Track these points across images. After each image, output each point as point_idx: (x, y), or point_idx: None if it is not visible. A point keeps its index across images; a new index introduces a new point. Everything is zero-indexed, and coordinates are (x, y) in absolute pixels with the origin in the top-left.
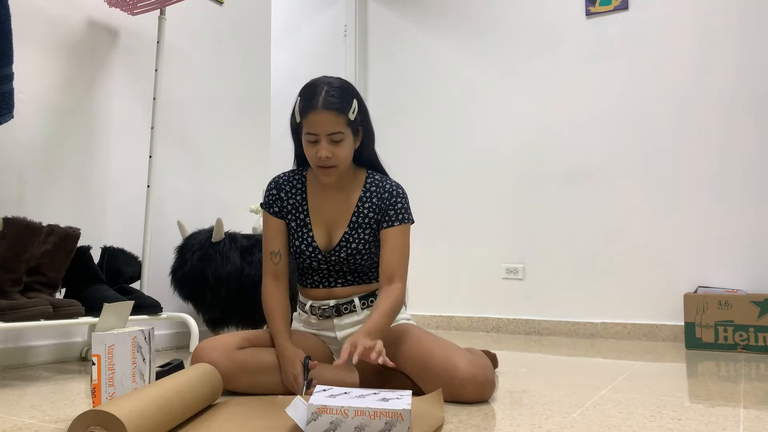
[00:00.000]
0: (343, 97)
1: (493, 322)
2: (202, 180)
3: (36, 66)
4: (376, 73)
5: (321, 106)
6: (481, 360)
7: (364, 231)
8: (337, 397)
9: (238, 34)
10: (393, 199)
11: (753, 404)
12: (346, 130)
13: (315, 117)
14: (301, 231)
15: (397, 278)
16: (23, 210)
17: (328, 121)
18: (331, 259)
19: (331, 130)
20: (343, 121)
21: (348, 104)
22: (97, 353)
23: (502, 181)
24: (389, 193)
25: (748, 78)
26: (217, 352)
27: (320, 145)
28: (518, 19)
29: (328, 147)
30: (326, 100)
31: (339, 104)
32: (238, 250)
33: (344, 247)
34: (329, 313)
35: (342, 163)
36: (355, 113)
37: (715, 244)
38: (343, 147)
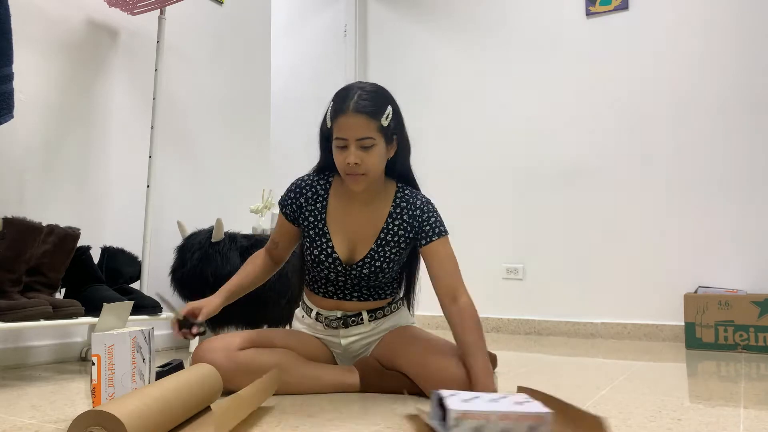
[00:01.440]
0: (376, 101)
1: (493, 322)
2: (202, 180)
3: (36, 66)
4: (376, 73)
5: (352, 109)
6: None
7: (391, 249)
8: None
9: (238, 34)
10: (425, 215)
11: (753, 404)
12: (378, 136)
13: (345, 121)
14: (319, 240)
15: (459, 293)
16: (23, 210)
17: (358, 126)
18: (352, 274)
19: (361, 135)
20: (374, 126)
21: (381, 110)
22: (96, 353)
23: (502, 181)
24: (420, 210)
25: (748, 78)
26: (219, 353)
27: (349, 150)
28: (518, 19)
29: (357, 153)
30: (358, 103)
31: (371, 108)
32: (238, 250)
33: (368, 264)
34: (336, 324)
35: (371, 171)
36: (388, 119)
37: (715, 244)
38: (372, 154)
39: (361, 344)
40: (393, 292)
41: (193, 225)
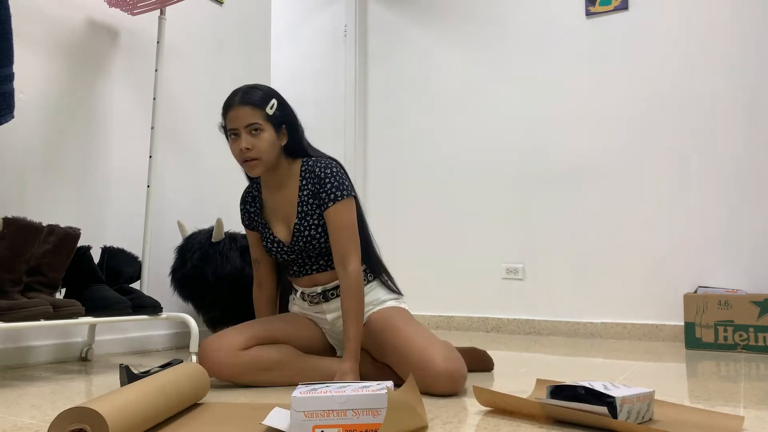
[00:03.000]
0: (260, 95)
1: (493, 322)
2: (202, 180)
3: (36, 66)
4: (376, 73)
5: (238, 102)
6: (456, 355)
7: (312, 217)
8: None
9: (238, 34)
10: (323, 180)
11: (753, 404)
12: (265, 123)
13: (234, 113)
14: (264, 232)
15: (349, 259)
16: (23, 210)
17: (245, 114)
18: (295, 249)
19: (249, 122)
20: (260, 114)
21: (264, 100)
22: None
23: (502, 181)
24: (319, 176)
25: (748, 78)
26: (223, 352)
27: (240, 137)
28: (518, 19)
29: (248, 139)
30: (242, 97)
31: (255, 100)
32: (238, 250)
33: (299, 237)
34: (317, 300)
35: (263, 155)
36: (273, 108)
37: (715, 244)
38: (262, 139)
39: None
40: None
41: (193, 225)
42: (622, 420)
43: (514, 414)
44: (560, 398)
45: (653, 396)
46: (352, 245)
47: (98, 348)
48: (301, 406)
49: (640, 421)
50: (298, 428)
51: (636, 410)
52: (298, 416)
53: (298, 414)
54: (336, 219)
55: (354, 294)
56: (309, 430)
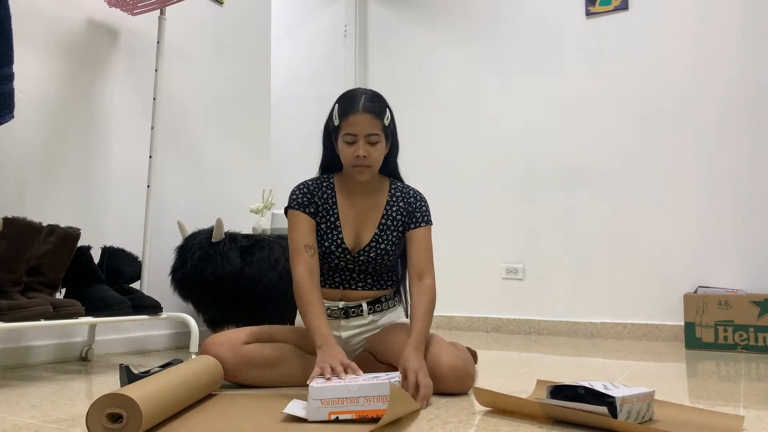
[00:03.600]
0: (380, 103)
1: (493, 322)
2: (202, 180)
3: (36, 66)
4: (376, 73)
5: (362, 109)
6: (464, 354)
7: (392, 233)
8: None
9: (238, 34)
10: (418, 203)
11: (753, 404)
12: (381, 133)
13: (355, 119)
14: (330, 233)
15: (427, 275)
16: (23, 210)
17: (367, 123)
18: (359, 260)
19: (369, 131)
20: (379, 124)
21: (383, 111)
22: None
23: (502, 181)
24: (414, 198)
25: (748, 77)
26: (224, 347)
27: (358, 144)
28: (518, 19)
29: (365, 147)
30: (366, 104)
31: (377, 109)
32: (238, 250)
33: (374, 248)
34: (337, 315)
35: (375, 163)
36: (389, 120)
37: (715, 244)
38: (377, 149)
39: (360, 339)
40: (392, 283)
41: (193, 225)
42: (622, 420)
43: (514, 414)
44: (560, 398)
45: (653, 396)
46: (432, 265)
47: (98, 348)
48: (318, 395)
49: (640, 421)
50: (315, 414)
51: (636, 410)
52: (315, 404)
53: (315, 401)
54: (422, 238)
55: (429, 299)
56: (325, 415)
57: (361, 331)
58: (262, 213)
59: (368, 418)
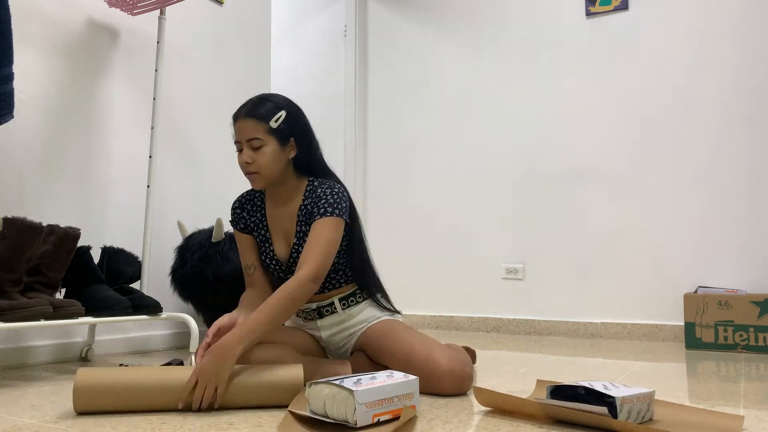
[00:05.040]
0: (267, 107)
1: (493, 322)
2: (202, 180)
3: (36, 66)
4: (376, 73)
5: (243, 114)
6: (461, 355)
7: None
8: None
9: (238, 34)
10: (322, 196)
11: (753, 404)
12: (267, 137)
13: (238, 126)
14: (263, 246)
15: (304, 265)
16: (23, 210)
17: (247, 128)
18: (291, 267)
19: (250, 136)
20: (263, 128)
21: (270, 113)
22: None
23: (502, 181)
24: (323, 190)
25: (748, 77)
26: None
27: (243, 151)
28: (518, 19)
29: (248, 153)
30: (248, 110)
31: (259, 112)
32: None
33: (296, 258)
34: (312, 316)
35: (264, 169)
36: (278, 121)
37: (715, 244)
38: (263, 153)
39: (341, 336)
40: (348, 277)
41: (193, 225)
42: (622, 420)
43: (514, 414)
44: (560, 398)
45: (653, 396)
46: (315, 257)
47: (98, 348)
48: (363, 398)
49: (640, 421)
50: (363, 419)
51: (636, 410)
52: (362, 408)
53: (361, 406)
54: (315, 230)
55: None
56: (370, 419)
57: (340, 328)
58: None
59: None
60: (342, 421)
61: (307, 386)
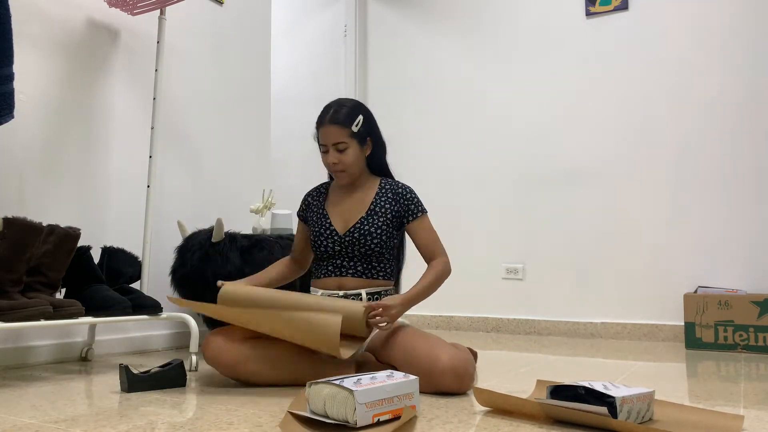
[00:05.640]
0: (348, 113)
1: (493, 322)
2: (202, 180)
3: (36, 66)
4: (376, 73)
5: (327, 122)
6: (463, 354)
7: (379, 218)
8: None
9: (238, 34)
10: (408, 195)
11: (753, 404)
12: (349, 140)
13: (323, 131)
14: (320, 221)
15: (437, 254)
16: (23, 210)
17: (332, 133)
18: (345, 240)
19: (336, 140)
20: (346, 132)
21: (351, 119)
22: None
23: (502, 181)
24: (403, 190)
25: (748, 78)
26: (224, 342)
27: (329, 153)
28: (518, 19)
29: (335, 154)
30: (332, 117)
31: (342, 119)
32: (238, 250)
33: (358, 228)
34: None
35: (349, 167)
36: (358, 126)
37: (714, 244)
38: (347, 154)
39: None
40: (388, 274)
41: (193, 225)
42: (622, 420)
43: (514, 414)
44: (560, 398)
45: (653, 396)
46: (441, 246)
47: (98, 348)
48: (363, 398)
49: (640, 421)
50: (363, 419)
51: (636, 410)
52: (362, 408)
53: (361, 406)
54: (423, 226)
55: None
56: (370, 419)
57: None
58: (262, 213)
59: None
60: (342, 422)
61: (306, 386)
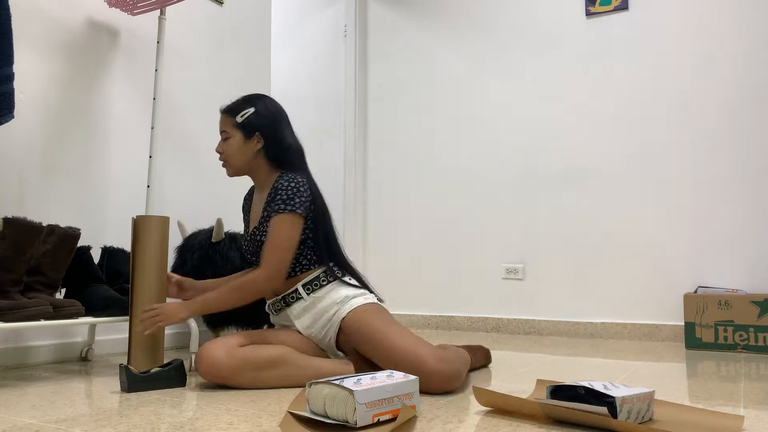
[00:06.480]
0: (237, 103)
1: (493, 322)
2: (202, 180)
3: (36, 66)
4: (376, 73)
5: (221, 110)
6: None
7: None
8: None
9: (238, 34)
10: (276, 192)
11: (753, 404)
12: (233, 130)
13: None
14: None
15: (261, 266)
16: (23, 210)
17: (221, 122)
18: (249, 250)
19: (221, 129)
20: (230, 122)
21: (240, 108)
22: None
23: (502, 181)
24: (279, 183)
25: (748, 77)
26: (220, 350)
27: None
28: (518, 19)
29: (221, 143)
30: (226, 106)
31: (230, 108)
32: (238, 250)
33: (253, 240)
34: (280, 306)
35: (230, 158)
36: (244, 117)
37: (715, 244)
38: (228, 144)
39: (318, 327)
40: (312, 263)
41: (193, 225)
42: (622, 420)
43: (514, 414)
44: (560, 398)
45: (653, 396)
46: (269, 257)
47: (98, 348)
48: (363, 398)
49: (640, 421)
50: (363, 419)
51: (636, 410)
52: (362, 408)
53: (362, 406)
54: (271, 227)
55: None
56: (370, 419)
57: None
58: None
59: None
60: (342, 422)
61: (306, 386)
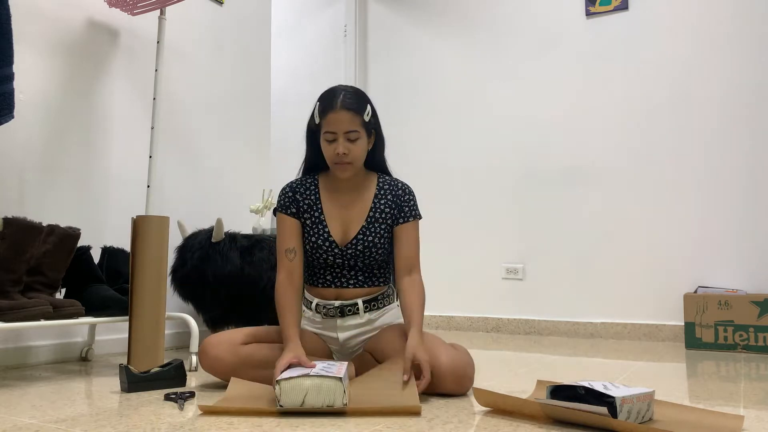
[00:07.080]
0: (359, 100)
1: (493, 322)
2: (202, 180)
3: (36, 66)
4: (376, 73)
5: (340, 106)
6: (463, 356)
7: (380, 225)
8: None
9: (238, 34)
10: (406, 196)
11: (753, 404)
12: (361, 130)
13: (334, 116)
14: (316, 228)
15: (416, 270)
16: (23, 210)
17: (345, 120)
18: (347, 253)
19: (348, 128)
20: (358, 121)
21: (363, 107)
22: None
23: (502, 181)
24: (402, 191)
25: (748, 77)
26: (223, 347)
27: (338, 142)
28: (518, 19)
29: (345, 144)
30: (344, 101)
31: (355, 105)
32: (238, 250)
33: (361, 240)
34: (333, 313)
35: (356, 160)
36: (369, 116)
37: (715, 244)
38: (357, 145)
39: (358, 341)
40: (386, 280)
41: (193, 225)
42: (622, 420)
43: (514, 414)
44: (560, 398)
45: (653, 396)
46: (418, 260)
47: (98, 348)
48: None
49: (640, 421)
50: None
51: (636, 410)
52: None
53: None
54: (410, 233)
55: (421, 293)
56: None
57: (358, 332)
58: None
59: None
60: (325, 409)
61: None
